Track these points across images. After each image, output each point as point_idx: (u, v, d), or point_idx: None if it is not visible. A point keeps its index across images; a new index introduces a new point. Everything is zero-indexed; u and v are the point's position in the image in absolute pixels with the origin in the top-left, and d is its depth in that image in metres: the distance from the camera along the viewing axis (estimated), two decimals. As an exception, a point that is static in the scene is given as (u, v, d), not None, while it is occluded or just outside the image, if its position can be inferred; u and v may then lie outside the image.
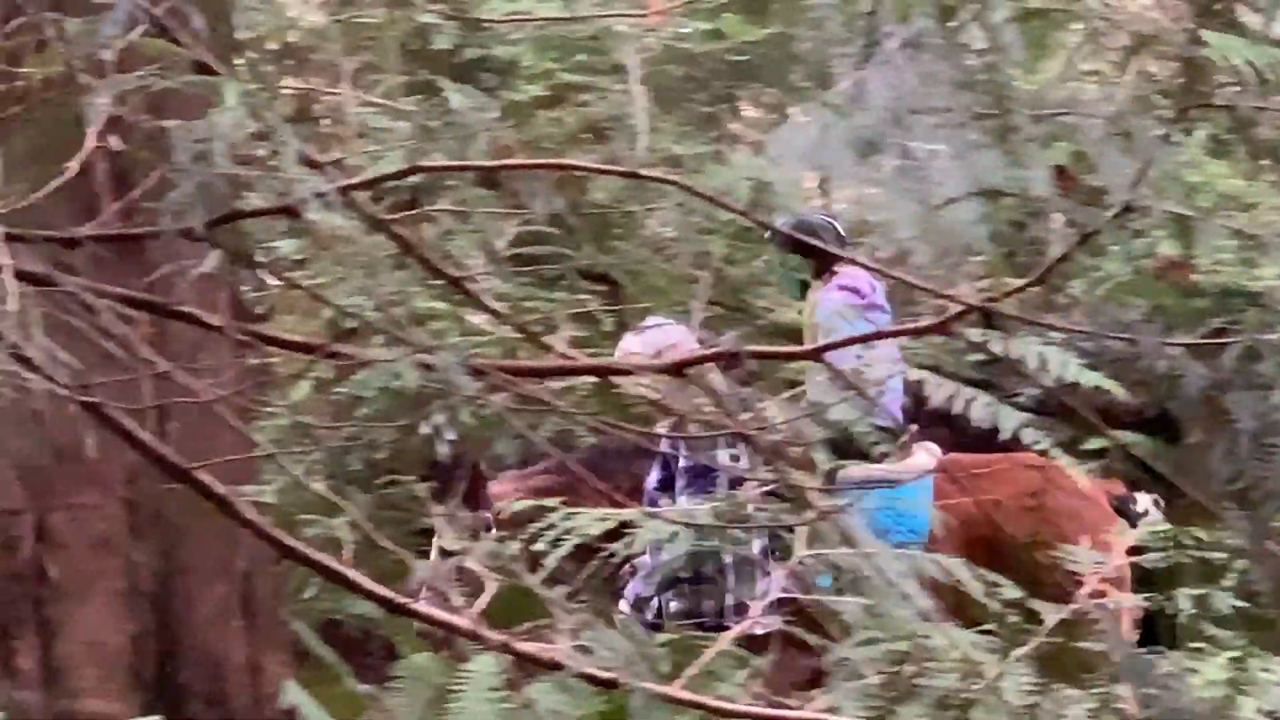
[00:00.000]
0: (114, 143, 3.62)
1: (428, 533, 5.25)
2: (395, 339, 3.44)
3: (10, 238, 3.29)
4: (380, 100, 7.14)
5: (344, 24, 8.56)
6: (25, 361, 3.18)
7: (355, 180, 3.46)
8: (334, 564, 3.49)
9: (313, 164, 3.30)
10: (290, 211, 3.43)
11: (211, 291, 4.27)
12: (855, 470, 6.78)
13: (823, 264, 7.14)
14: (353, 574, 3.47)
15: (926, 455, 7.17)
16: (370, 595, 3.48)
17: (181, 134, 3.36)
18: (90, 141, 3.50)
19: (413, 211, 3.69)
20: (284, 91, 8.61)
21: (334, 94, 7.85)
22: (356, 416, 5.54)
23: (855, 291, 7.11)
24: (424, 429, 3.29)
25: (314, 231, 3.35)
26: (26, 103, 3.73)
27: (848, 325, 6.72)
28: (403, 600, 3.53)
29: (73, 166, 3.56)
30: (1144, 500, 7.24)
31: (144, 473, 4.86)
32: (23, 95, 3.69)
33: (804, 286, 7.28)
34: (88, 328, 3.25)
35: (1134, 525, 6.64)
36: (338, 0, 8.92)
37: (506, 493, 6.83)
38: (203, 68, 3.45)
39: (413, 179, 3.59)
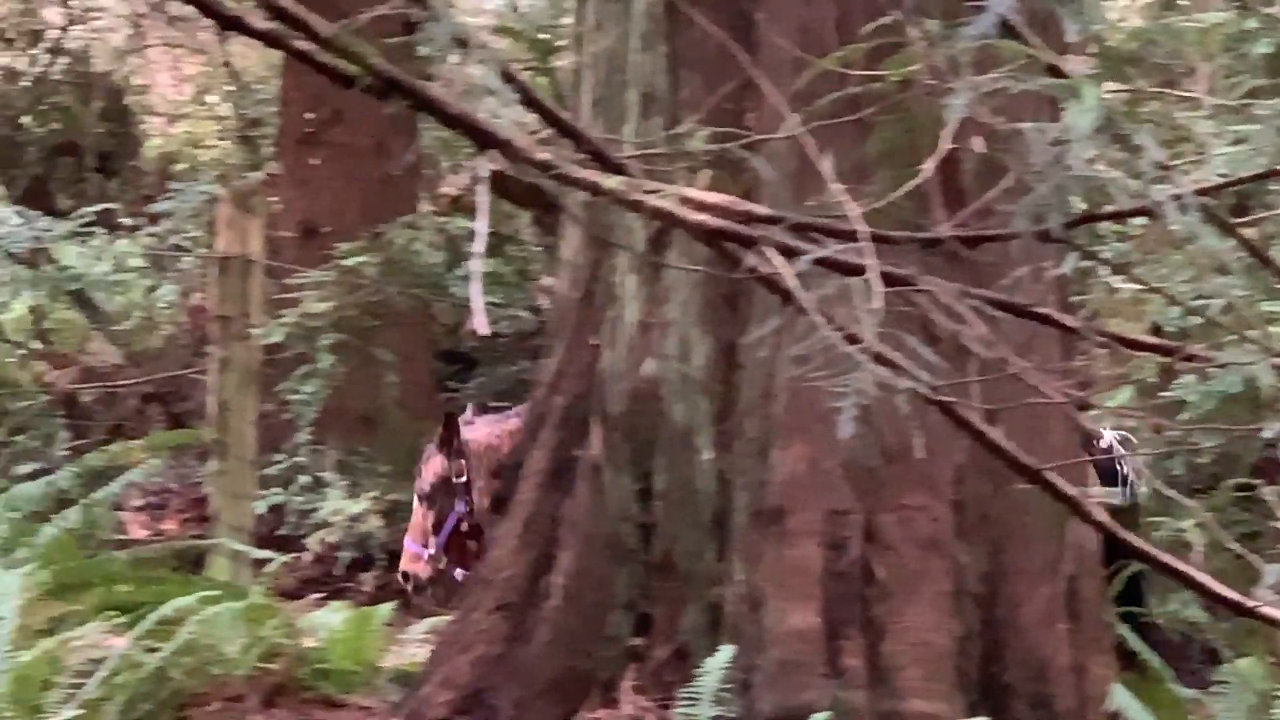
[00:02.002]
0: (977, 144, 3.95)
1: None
2: (1247, 341, 3.55)
3: (877, 238, 3.66)
4: (1227, 103, 7.23)
5: (1171, 27, 8.69)
6: (886, 362, 3.52)
7: (1210, 184, 3.63)
8: (1183, 567, 3.62)
9: (1163, 166, 3.51)
10: (1146, 213, 3.63)
11: (1045, 293, 4.43)
12: None
13: None
14: (1201, 576, 3.60)
15: None
16: (1218, 598, 3.59)
17: (1037, 136, 3.65)
18: (945, 142, 3.82)
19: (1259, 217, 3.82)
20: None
21: (1187, 96, 7.99)
22: (1180, 421, 5.68)
23: None
24: (1267, 433, 3.40)
25: (1146, 234, 3.57)
26: (883, 103, 4.10)
27: None
28: (1252, 604, 3.62)
29: (929, 167, 3.87)
30: (1109, 437, 7.01)
31: (971, 474, 5.22)
32: (880, 96, 4.06)
33: None
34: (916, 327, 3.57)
35: (1096, 465, 6.64)
36: (1159, 4, 9.10)
37: (482, 436, 7.34)
38: (1054, 70, 3.73)
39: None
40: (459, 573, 7.42)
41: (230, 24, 4.09)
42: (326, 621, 6.43)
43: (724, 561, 5.33)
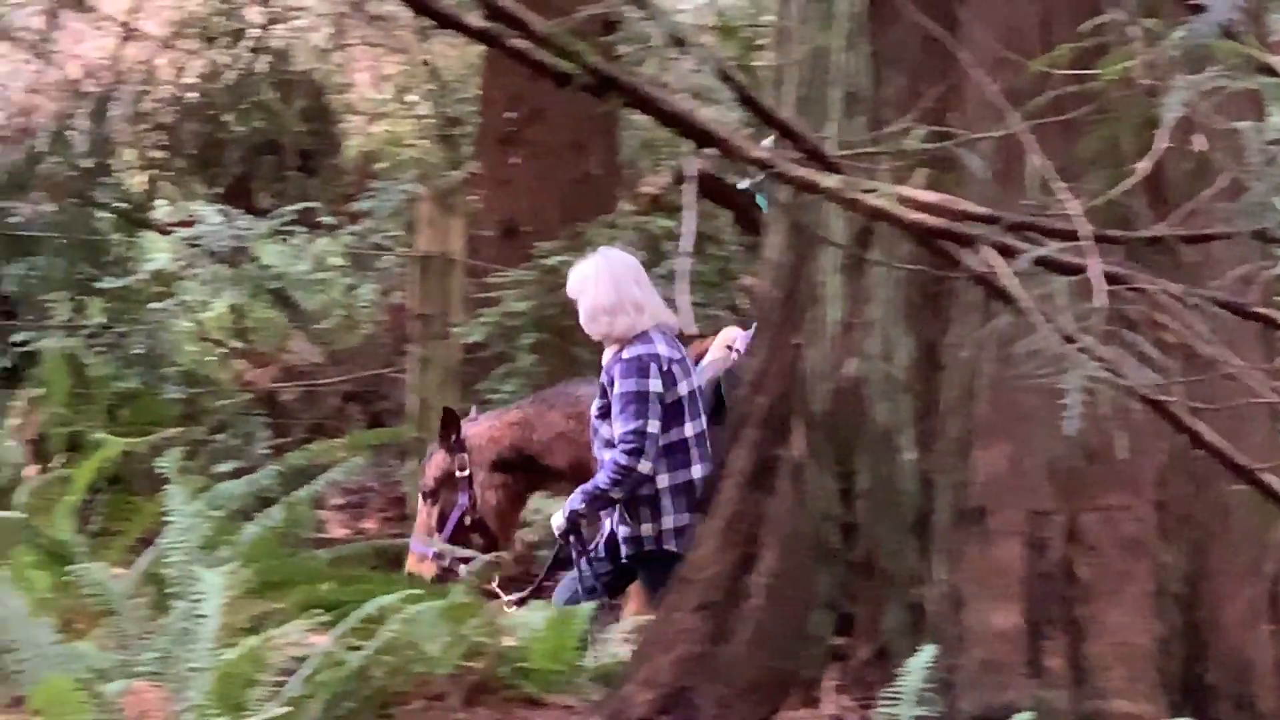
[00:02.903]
0: (1198, 143, 4.02)
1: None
2: None
3: (1100, 238, 3.74)
4: None
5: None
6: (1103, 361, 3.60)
7: None
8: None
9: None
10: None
11: (1253, 292, 4.48)
12: None
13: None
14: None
15: None
16: None
17: (1253, 135, 3.72)
18: (1161, 142, 3.90)
19: None
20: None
21: None
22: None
23: None
24: None
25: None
26: (1094, 103, 4.17)
27: None
28: None
29: (1144, 166, 3.95)
30: None
31: (1173, 474, 5.30)
32: (1089, 96, 4.14)
33: None
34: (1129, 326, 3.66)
35: None
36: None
37: (482, 429, 7.92)
38: (1267, 69, 3.79)
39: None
40: (462, 569, 7.64)
41: (447, 22, 4.26)
42: (528, 620, 6.56)
43: (925, 561, 5.45)
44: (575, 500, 7.11)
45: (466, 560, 7.59)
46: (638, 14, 4.24)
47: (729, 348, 8.05)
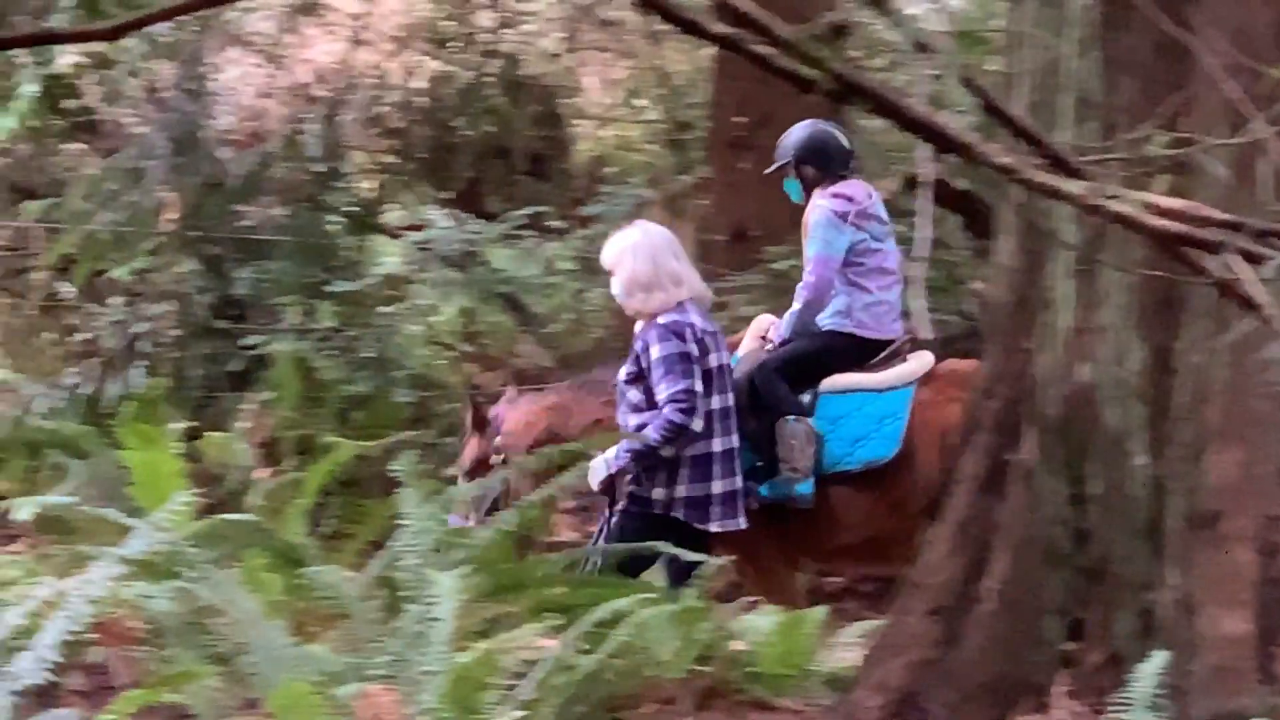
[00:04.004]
0: None
1: None
2: None
3: None
4: None
5: None
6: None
7: None
8: None
9: None
10: None
11: None
12: (841, 378, 7.99)
13: (824, 172, 8.33)
14: None
15: (915, 364, 8.22)
16: None
17: None
18: None
19: None
20: None
21: None
22: None
23: (849, 199, 8.25)
24: None
25: None
26: None
27: (835, 232, 7.99)
28: None
29: None
30: None
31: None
32: None
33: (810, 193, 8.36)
34: None
35: None
36: None
37: (520, 414, 8.29)
38: None
39: None
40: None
41: (689, 28, 4.44)
42: (758, 625, 6.69)
43: (1157, 566, 5.54)
44: (621, 455, 7.30)
45: None
46: (877, 19, 4.37)
47: (762, 338, 8.30)
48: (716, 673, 6.27)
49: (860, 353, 8.28)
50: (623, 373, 7.40)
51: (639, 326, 7.31)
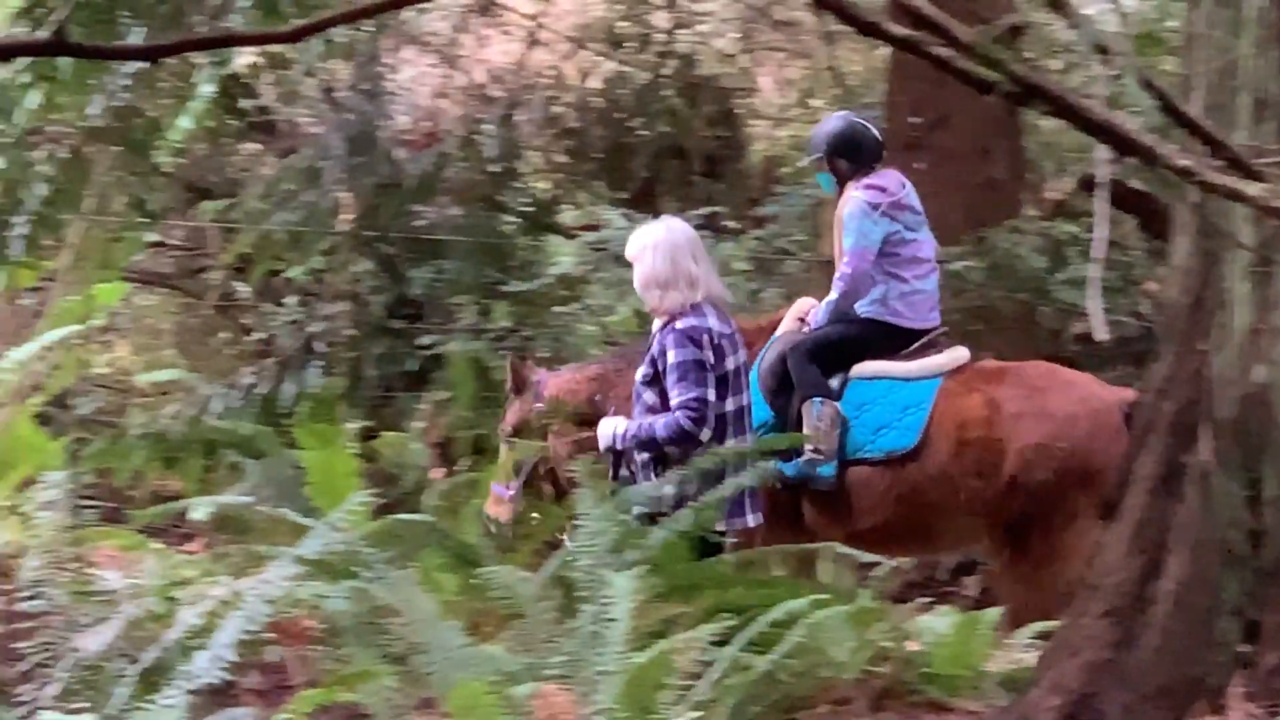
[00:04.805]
0: None
1: None
2: None
3: None
4: None
5: None
6: None
7: None
8: None
9: None
10: None
11: None
12: (870, 365, 8.19)
13: (856, 164, 8.51)
14: None
15: (946, 356, 8.42)
16: None
17: None
18: None
19: None
20: None
21: None
22: None
23: (882, 190, 8.46)
24: None
25: None
26: None
27: (869, 223, 8.15)
28: None
29: None
30: None
31: None
32: None
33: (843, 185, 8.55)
34: None
35: None
36: None
37: (562, 382, 8.48)
38: None
39: None
40: (534, 517, 7.94)
41: (867, 29, 4.54)
42: (932, 626, 6.76)
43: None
44: (627, 433, 7.35)
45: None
46: (1053, 20, 4.45)
47: (800, 319, 8.48)
48: (891, 673, 6.34)
49: (894, 341, 8.51)
50: (639, 374, 7.49)
51: (656, 325, 7.43)
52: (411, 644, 5.85)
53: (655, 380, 7.34)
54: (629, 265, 7.57)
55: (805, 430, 8.24)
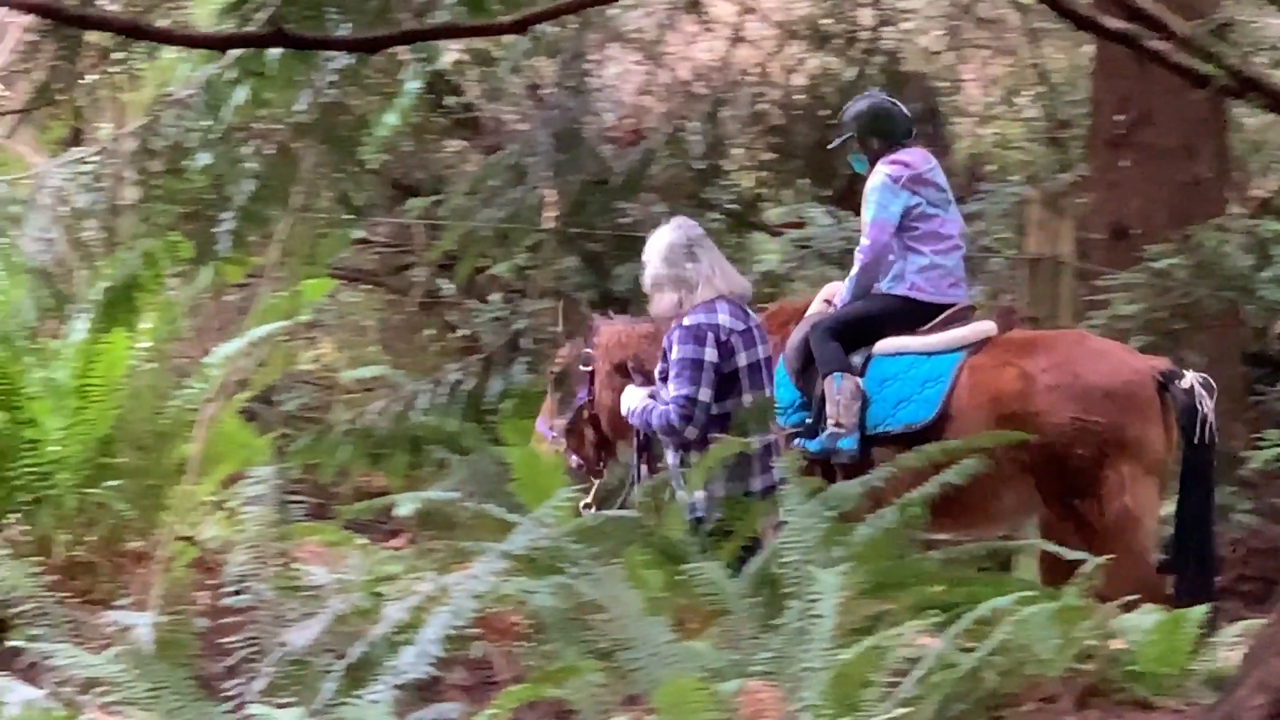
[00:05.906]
0: None
1: None
2: None
3: None
4: None
5: None
6: None
7: None
8: None
9: None
10: None
11: None
12: (892, 341, 8.32)
13: (887, 142, 8.73)
14: None
15: (968, 330, 8.59)
16: None
17: None
18: None
19: None
20: None
21: None
22: None
23: (905, 165, 8.64)
24: None
25: None
26: None
27: (891, 196, 8.30)
28: None
29: None
30: (1190, 378, 8.08)
31: None
32: None
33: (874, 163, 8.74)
34: None
35: (1177, 402, 8.11)
36: None
37: (614, 330, 8.65)
38: None
39: None
40: (574, 460, 8.05)
41: (1084, 24, 4.61)
42: (1137, 623, 6.69)
43: None
44: (635, 410, 7.69)
45: (581, 453, 8.52)
46: (1261, 15, 4.47)
47: (827, 301, 8.72)
48: (1096, 671, 6.35)
49: (914, 316, 8.64)
50: (659, 370, 7.71)
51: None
52: (617, 640, 5.93)
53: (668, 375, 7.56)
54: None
55: (827, 406, 8.41)
